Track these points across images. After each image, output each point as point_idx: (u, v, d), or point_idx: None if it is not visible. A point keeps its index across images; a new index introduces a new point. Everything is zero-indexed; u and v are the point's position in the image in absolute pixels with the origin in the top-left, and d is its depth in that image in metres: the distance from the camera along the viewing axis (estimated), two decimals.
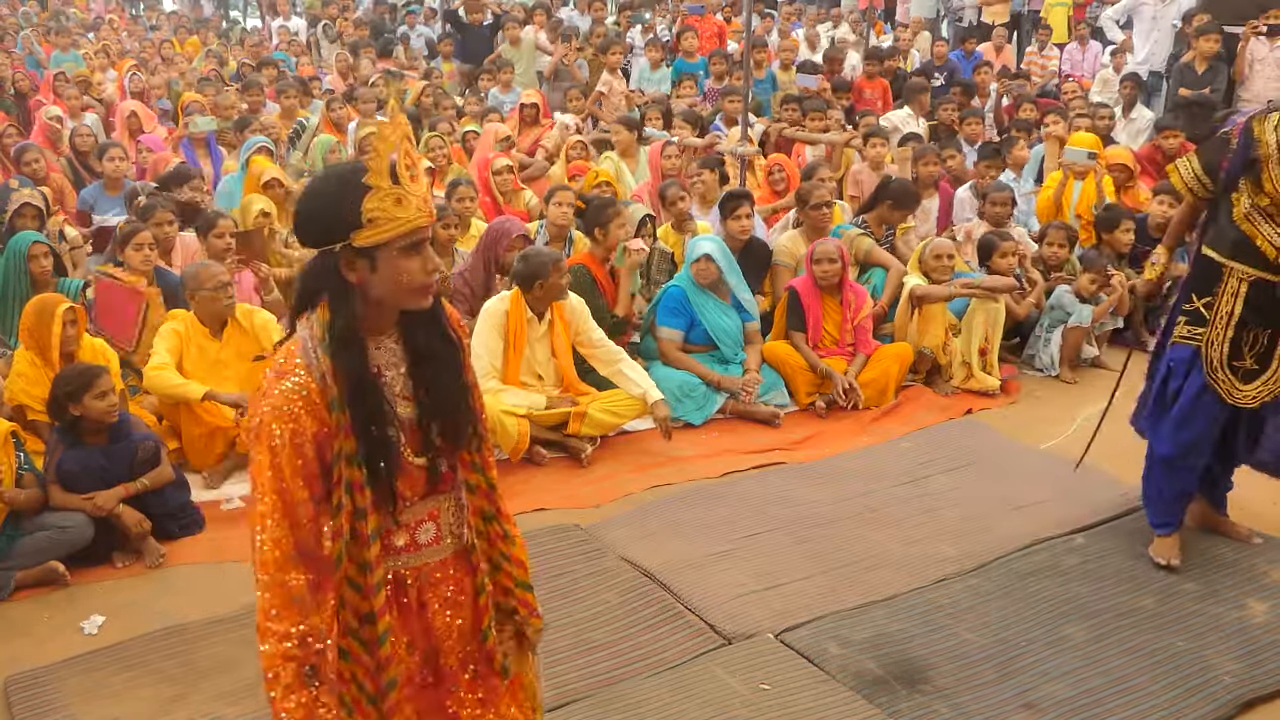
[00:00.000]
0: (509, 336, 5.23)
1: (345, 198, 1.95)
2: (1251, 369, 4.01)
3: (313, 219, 2.00)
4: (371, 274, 1.98)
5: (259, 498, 1.96)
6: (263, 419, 1.95)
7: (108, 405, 4.36)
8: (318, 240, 1.99)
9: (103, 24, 17.34)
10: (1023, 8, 14.55)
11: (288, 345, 2.03)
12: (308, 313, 2.04)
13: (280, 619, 1.94)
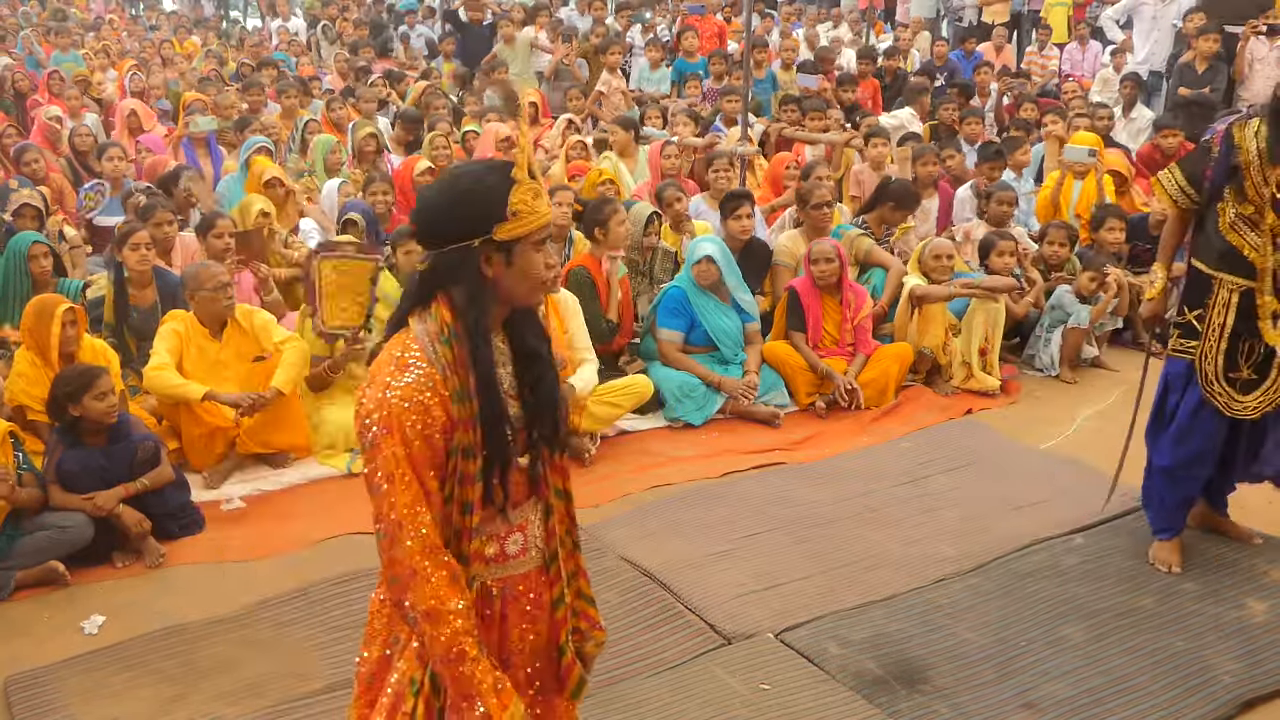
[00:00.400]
0: None
1: (493, 190, 2.00)
2: (1250, 379, 3.96)
3: (456, 212, 2.01)
4: (507, 268, 2.03)
5: (399, 488, 1.97)
6: (392, 410, 1.96)
7: (107, 406, 4.36)
8: (456, 234, 2.01)
9: (103, 24, 17.34)
10: (1023, 7, 14.54)
11: (400, 340, 2.04)
12: (420, 309, 2.06)
13: (449, 599, 1.99)
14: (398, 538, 1.98)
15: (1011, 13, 14.17)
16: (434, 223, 2.05)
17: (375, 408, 1.99)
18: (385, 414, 1.97)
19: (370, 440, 1.99)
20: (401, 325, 2.08)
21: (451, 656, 1.99)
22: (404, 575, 1.99)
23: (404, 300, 2.11)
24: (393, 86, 11.16)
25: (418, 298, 2.07)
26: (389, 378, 1.99)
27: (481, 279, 2.03)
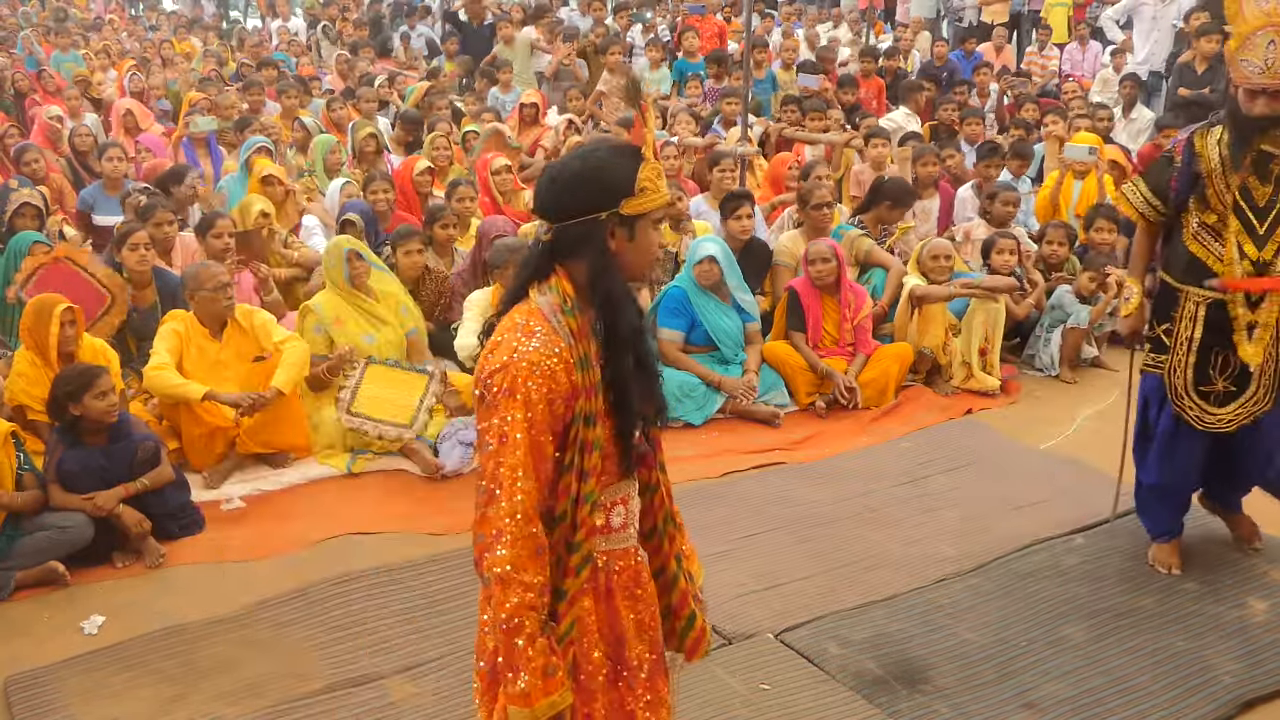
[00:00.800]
0: None
1: (623, 165, 2.09)
2: (1228, 391, 3.90)
3: (587, 184, 2.08)
4: (629, 242, 2.10)
5: (508, 450, 2.01)
6: (517, 373, 2.01)
7: (107, 405, 4.36)
8: (584, 206, 2.07)
9: (103, 24, 17.34)
10: (1022, 7, 14.53)
11: (523, 309, 2.10)
12: (539, 282, 2.11)
13: (526, 570, 2.01)
14: (495, 497, 2.01)
15: (1011, 13, 14.16)
16: (564, 194, 2.10)
17: (499, 369, 2.03)
18: (510, 376, 2.01)
19: (489, 400, 2.04)
20: (520, 297, 2.13)
21: (511, 626, 2.01)
22: (489, 535, 2.02)
23: (524, 269, 2.15)
24: (390, 86, 11.16)
25: (538, 268, 2.12)
26: (515, 343, 2.03)
27: (607, 251, 2.09)
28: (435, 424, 5.34)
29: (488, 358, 2.07)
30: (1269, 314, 3.78)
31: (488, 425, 2.04)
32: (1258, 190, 3.73)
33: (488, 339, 2.14)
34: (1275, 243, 3.74)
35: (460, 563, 4.31)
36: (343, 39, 14.84)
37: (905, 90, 10.22)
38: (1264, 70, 3.55)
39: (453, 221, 6.52)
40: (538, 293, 2.11)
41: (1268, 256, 3.75)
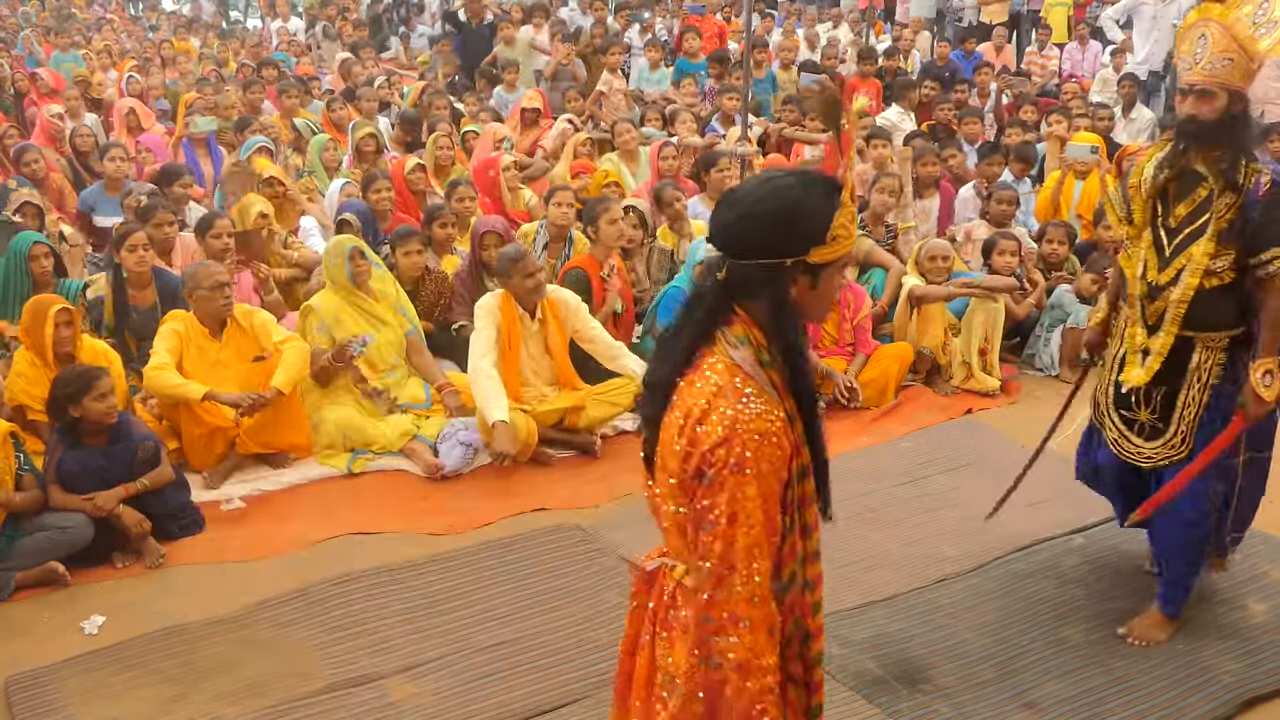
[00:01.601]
0: (503, 333, 5.23)
1: (819, 208, 1.92)
2: (1155, 425, 3.61)
3: (777, 226, 1.91)
4: (811, 290, 1.95)
5: (740, 529, 1.86)
6: (745, 446, 1.85)
7: (107, 407, 4.36)
8: (770, 249, 1.91)
9: (104, 24, 17.34)
10: (1022, 7, 14.54)
11: (722, 365, 1.92)
12: (721, 328, 1.96)
13: (765, 654, 1.91)
14: (726, 580, 1.88)
15: (1011, 12, 14.16)
16: (750, 232, 1.92)
17: (721, 442, 1.86)
18: (738, 450, 1.86)
19: (713, 478, 1.87)
20: (700, 338, 1.97)
21: (754, 714, 1.92)
22: (722, 620, 1.89)
23: (697, 311, 1.99)
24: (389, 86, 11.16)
25: (716, 310, 1.97)
26: (732, 410, 1.87)
27: (787, 299, 1.94)
28: (435, 424, 5.34)
29: (698, 430, 1.89)
30: (1163, 343, 3.50)
31: (712, 503, 1.88)
32: (1176, 210, 3.49)
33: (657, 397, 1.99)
34: (1175, 269, 3.47)
35: (460, 563, 4.32)
36: (343, 39, 14.84)
37: (899, 88, 10.22)
38: (1191, 66, 3.40)
39: (451, 221, 6.52)
40: (727, 343, 1.95)
41: (1164, 280, 3.49)
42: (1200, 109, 3.37)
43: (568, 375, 5.42)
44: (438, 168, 8.16)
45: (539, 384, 5.38)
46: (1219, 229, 3.39)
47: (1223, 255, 3.41)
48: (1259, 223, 3.34)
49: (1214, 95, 3.35)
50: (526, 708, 3.47)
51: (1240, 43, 3.29)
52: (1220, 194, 3.40)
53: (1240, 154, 3.39)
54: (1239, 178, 3.38)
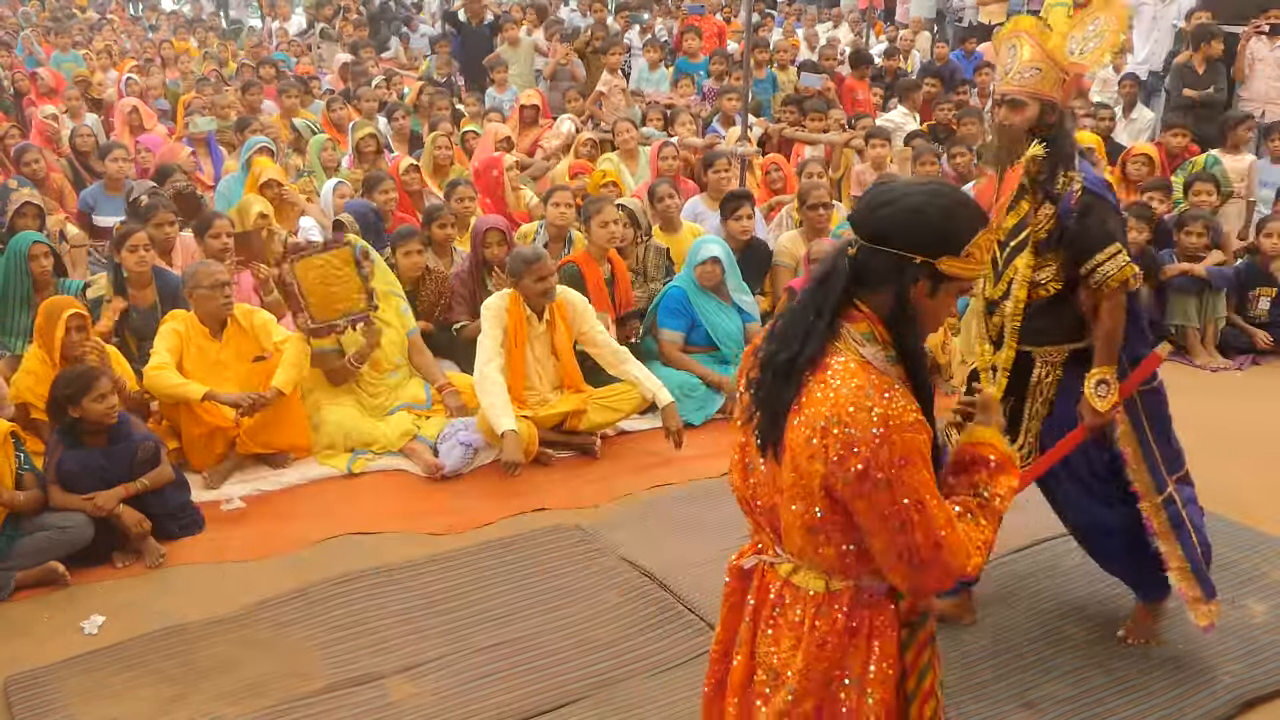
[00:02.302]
0: (509, 334, 5.23)
1: (966, 222, 1.99)
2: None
3: (921, 221, 1.97)
4: (928, 298, 2.00)
5: (931, 511, 1.92)
6: (904, 440, 1.89)
7: (106, 408, 4.36)
8: (905, 241, 1.96)
9: (104, 24, 17.34)
10: (1022, 7, 14.53)
11: (854, 366, 1.95)
12: (844, 322, 2.00)
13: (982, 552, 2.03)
14: (942, 554, 1.94)
15: (1010, 13, 14.14)
16: (892, 219, 1.98)
17: (880, 442, 1.89)
18: (900, 447, 1.89)
19: (885, 480, 1.89)
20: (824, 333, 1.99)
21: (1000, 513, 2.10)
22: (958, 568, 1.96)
23: (821, 298, 2.01)
24: (388, 86, 11.17)
25: (840, 299, 2.00)
26: (881, 406, 1.90)
27: (908, 294, 1.99)
28: (435, 424, 5.34)
29: (848, 432, 1.89)
30: (1005, 358, 3.48)
31: (894, 501, 1.90)
32: (1005, 222, 3.43)
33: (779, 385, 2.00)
34: (1006, 282, 3.43)
35: (460, 563, 4.32)
36: (343, 39, 14.84)
37: (903, 89, 10.22)
38: (1003, 76, 3.37)
39: (450, 221, 6.52)
40: (853, 340, 1.98)
41: (998, 295, 3.47)
42: (1012, 119, 3.34)
43: (573, 378, 5.42)
44: (436, 167, 8.16)
45: (543, 387, 5.38)
46: (1037, 240, 3.36)
47: (1044, 267, 3.38)
48: (1074, 232, 3.31)
49: (1024, 105, 3.32)
50: (526, 708, 3.47)
51: (1049, 53, 3.28)
52: (1040, 205, 3.36)
53: (1058, 164, 3.34)
54: (1056, 188, 3.34)
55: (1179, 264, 6.76)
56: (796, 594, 2.08)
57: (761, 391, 2.07)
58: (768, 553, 2.16)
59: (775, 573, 2.12)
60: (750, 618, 2.17)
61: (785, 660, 2.08)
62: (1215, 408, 5.89)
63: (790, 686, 2.07)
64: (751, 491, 2.16)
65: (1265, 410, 5.88)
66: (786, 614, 2.09)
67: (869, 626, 2.08)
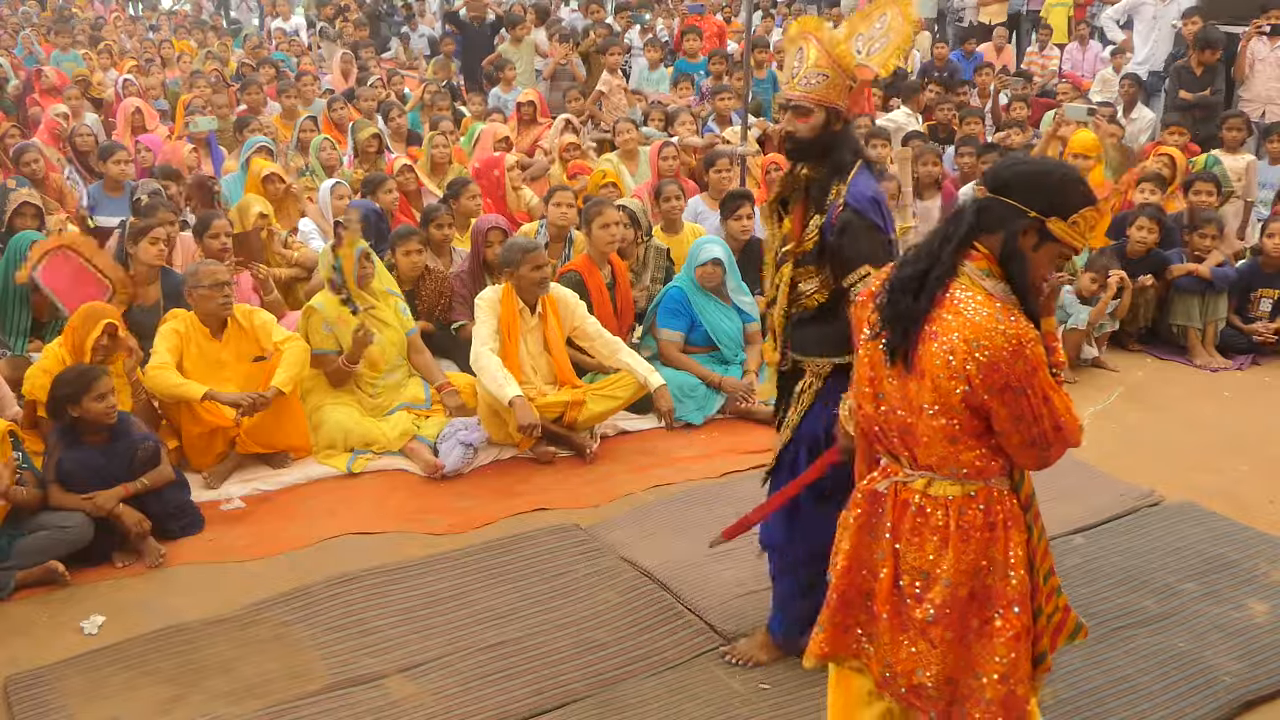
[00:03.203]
0: (503, 327, 5.23)
1: (1082, 195, 2.35)
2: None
3: (1045, 181, 2.34)
4: (1031, 252, 2.35)
5: (1056, 399, 2.36)
6: (1032, 350, 2.29)
7: (105, 408, 4.36)
8: (1027, 196, 2.32)
9: (104, 24, 17.33)
10: (1022, 7, 14.53)
11: (975, 296, 2.31)
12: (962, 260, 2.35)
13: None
14: (1063, 430, 2.37)
15: (1011, 13, 14.15)
16: (1021, 176, 2.35)
17: (1013, 353, 2.27)
18: (1029, 356, 2.28)
19: (1019, 386, 2.28)
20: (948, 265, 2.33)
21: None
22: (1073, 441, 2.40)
23: (949, 236, 2.35)
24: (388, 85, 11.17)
25: (965, 238, 2.35)
26: (1009, 328, 2.28)
27: (1018, 241, 2.33)
28: (435, 424, 5.34)
29: (987, 353, 2.26)
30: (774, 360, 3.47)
31: (1028, 403, 2.30)
32: (783, 223, 3.40)
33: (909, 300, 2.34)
34: (776, 287, 3.39)
35: (460, 563, 4.32)
36: (343, 39, 14.84)
37: (906, 90, 10.21)
38: (789, 81, 3.24)
39: (448, 221, 6.51)
40: (973, 276, 2.34)
41: (770, 296, 3.46)
42: (797, 125, 3.23)
43: (566, 373, 5.42)
44: (435, 167, 8.16)
45: (538, 381, 5.38)
46: (800, 250, 3.29)
47: (808, 278, 3.30)
48: (834, 246, 3.21)
49: (810, 111, 3.19)
50: (526, 708, 3.47)
51: (836, 59, 3.16)
52: (811, 214, 3.28)
53: (834, 174, 3.23)
54: (827, 199, 3.23)
55: (1184, 264, 6.76)
56: (935, 503, 2.43)
57: (891, 308, 2.40)
58: (897, 475, 2.48)
59: (909, 489, 2.45)
60: (889, 534, 2.48)
61: (934, 561, 2.42)
62: (1215, 408, 5.90)
63: (946, 580, 2.41)
64: (882, 418, 2.48)
65: (1265, 410, 5.88)
66: (929, 521, 2.43)
67: (1002, 519, 2.42)
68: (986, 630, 2.43)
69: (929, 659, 2.45)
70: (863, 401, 2.52)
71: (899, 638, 2.50)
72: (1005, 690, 2.42)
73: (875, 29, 3.31)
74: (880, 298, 2.45)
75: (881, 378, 2.45)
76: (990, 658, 2.42)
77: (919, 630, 2.45)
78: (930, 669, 2.45)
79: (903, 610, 2.48)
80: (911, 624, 2.47)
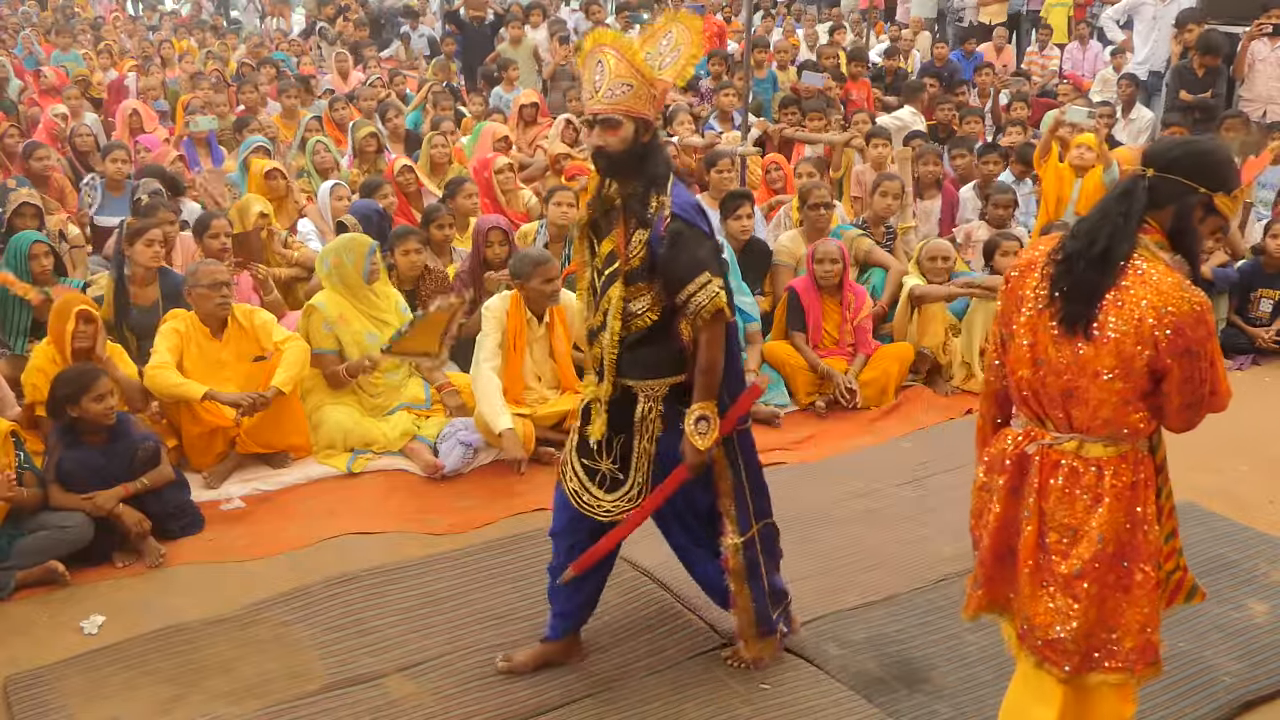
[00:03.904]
0: (509, 336, 5.23)
1: (1234, 175, 2.57)
2: (616, 477, 3.35)
3: (1211, 161, 2.55)
4: (1198, 224, 2.57)
5: (1220, 363, 2.55)
6: (1209, 317, 2.49)
7: (104, 408, 4.36)
8: (1195, 175, 2.53)
9: (103, 24, 17.33)
10: (1022, 7, 14.53)
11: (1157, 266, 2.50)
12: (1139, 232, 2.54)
13: None
14: (1216, 392, 2.57)
15: (1011, 13, 14.15)
16: (1188, 156, 2.55)
17: (1198, 322, 2.46)
18: (1207, 322, 2.47)
19: (1197, 350, 2.47)
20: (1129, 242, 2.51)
21: None
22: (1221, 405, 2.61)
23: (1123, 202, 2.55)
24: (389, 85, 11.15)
25: (1139, 214, 2.53)
26: (1193, 297, 2.47)
27: (1190, 214, 2.54)
28: (435, 424, 5.34)
29: (1176, 319, 2.44)
30: (606, 391, 3.27)
31: (1201, 366, 2.50)
32: (601, 249, 3.26)
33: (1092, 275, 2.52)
34: (602, 313, 3.24)
35: (460, 563, 4.32)
36: (343, 39, 14.84)
37: (909, 90, 10.21)
38: (593, 95, 3.12)
39: (449, 221, 6.51)
40: (1152, 249, 2.53)
41: (596, 323, 3.28)
42: (607, 139, 3.11)
43: (570, 379, 5.42)
44: (434, 167, 8.15)
45: (541, 387, 5.39)
46: (629, 268, 3.16)
47: (638, 296, 3.19)
48: (667, 258, 3.12)
49: (619, 124, 3.09)
50: (526, 708, 3.47)
51: (638, 69, 3.09)
52: (634, 230, 3.16)
53: (650, 186, 3.14)
54: (649, 212, 3.14)
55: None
56: (1086, 463, 2.59)
57: (1072, 281, 2.54)
58: (1043, 438, 2.64)
59: (1059, 451, 2.62)
60: (1036, 494, 2.63)
61: (1083, 518, 2.59)
62: None
63: (1097, 536, 2.57)
64: (1040, 382, 2.61)
65: (1265, 410, 5.89)
66: (1079, 481, 2.59)
67: (1143, 478, 2.59)
68: (1126, 584, 2.60)
69: (1070, 614, 2.60)
70: (1018, 367, 2.65)
71: (1039, 592, 2.65)
72: (1144, 640, 2.62)
73: (663, 45, 3.23)
74: (1054, 271, 2.58)
75: (1044, 344, 2.58)
76: (1129, 609, 2.61)
77: (1061, 585, 2.61)
78: (1070, 623, 2.60)
79: (1046, 565, 2.63)
80: (1054, 579, 2.62)
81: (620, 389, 3.28)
